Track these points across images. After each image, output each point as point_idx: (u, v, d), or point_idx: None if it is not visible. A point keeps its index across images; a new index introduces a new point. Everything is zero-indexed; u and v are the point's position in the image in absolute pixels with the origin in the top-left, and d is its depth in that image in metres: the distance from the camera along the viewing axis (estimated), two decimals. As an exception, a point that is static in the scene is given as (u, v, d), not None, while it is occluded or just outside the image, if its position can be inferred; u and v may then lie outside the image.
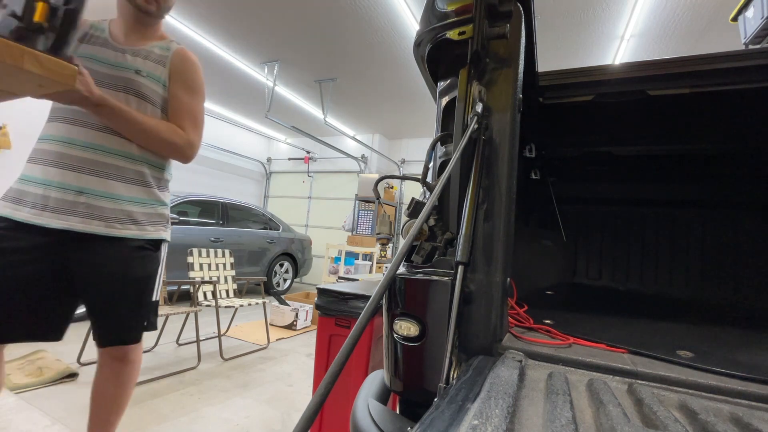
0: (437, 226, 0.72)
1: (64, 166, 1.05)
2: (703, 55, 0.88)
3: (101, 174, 1.09)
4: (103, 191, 1.09)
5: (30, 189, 1.03)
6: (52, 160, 1.04)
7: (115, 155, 1.11)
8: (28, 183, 1.04)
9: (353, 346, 0.34)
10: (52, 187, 1.03)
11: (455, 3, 0.72)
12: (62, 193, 1.04)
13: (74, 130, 1.06)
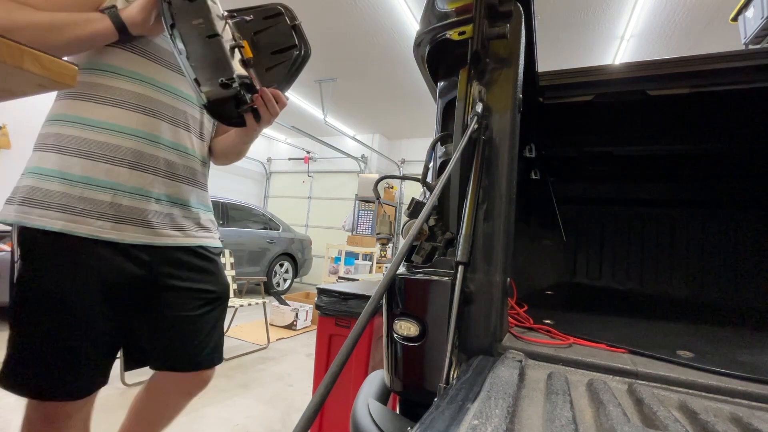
0: (437, 226, 0.72)
1: (144, 168, 0.85)
2: (703, 55, 0.88)
3: (176, 178, 0.91)
4: (178, 198, 0.92)
5: (93, 195, 0.79)
6: (124, 160, 0.82)
7: (192, 157, 0.95)
8: (81, 186, 0.78)
9: (353, 346, 0.34)
10: (125, 193, 0.82)
11: (455, 3, 0.72)
12: (138, 201, 0.84)
13: (154, 123, 0.86)
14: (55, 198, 0.77)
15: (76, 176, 0.79)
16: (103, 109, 0.81)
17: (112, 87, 0.82)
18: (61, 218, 0.77)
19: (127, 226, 0.83)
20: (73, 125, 0.80)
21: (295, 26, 0.84)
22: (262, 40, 0.82)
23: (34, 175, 0.79)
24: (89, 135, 0.80)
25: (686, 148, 1.27)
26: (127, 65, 0.84)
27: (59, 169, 0.78)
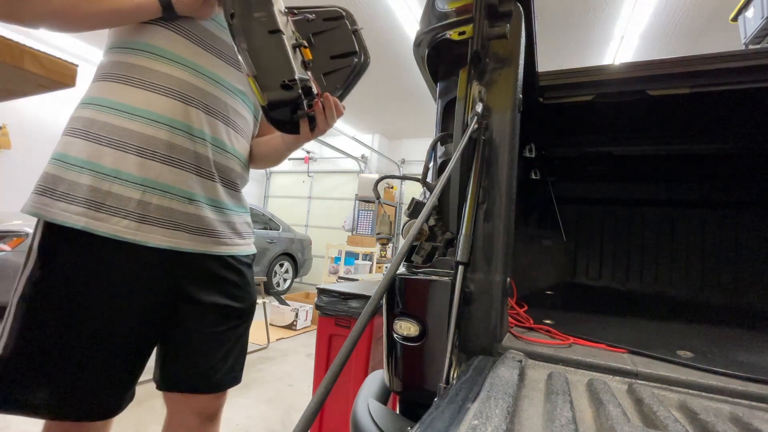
0: (437, 226, 0.72)
1: (178, 164, 0.75)
2: (703, 55, 0.88)
3: (212, 176, 0.82)
4: (213, 199, 0.82)
5: (121, 191, 0.70)
6: (156, 153, 0.73)
7: (231, 155, 0.85)
8: (109, 179, 0.69)
9: (353, 346, 0.34)
10: (155, 190, 0.73)
11: (455, 3, 0.72)
12: (170, 200, 0.75)
13: (192, 114, 0.76)
14: (81, 191, 0.68)
15: (106, 168, 0.69)
16: (139, 94, 0.72)
17: (152, 70, 0.73)
18: (85, 214, 0.68)
19: (155, 227, 0.73)
20: (106, 110, 0.71)
21: (356, 32, 0.80)
22: (320, 42, 0.77)
23: (58, 164, 0.70)
24: (122, 122, 0.71)
25: (686, 148, 1.27)
26: (171, 47, 0.75)
27: (87, 158, 0.69)
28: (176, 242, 0.76)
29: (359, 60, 0.79)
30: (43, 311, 0.67)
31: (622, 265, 1.67)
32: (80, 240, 0.68)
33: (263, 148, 0.95)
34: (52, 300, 0.67)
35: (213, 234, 0.82)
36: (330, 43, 0.78)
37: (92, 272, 0.69)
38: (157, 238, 0.74)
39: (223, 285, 0.85)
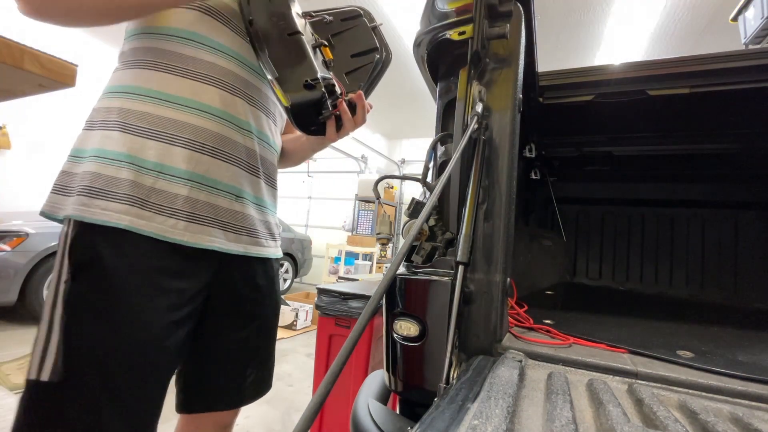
0: (437, 226, 0.72)
1: (227, 158, 0.70)
2: (703, 55, 0.88)
3: (258, 172, 0.77)
4: (257, 196, 0.78)
5: (167, 187, 0.64)
6: (205, 146, 0.67)
7: (273, 149, 0.81)
8: (153, 174, 0.63)
9: (353, 346, 0.34)
10: (203, 186, 0.67)
11: (455, 3, 0.72)
12: (218, 197, 0.69)
13: (238, 105, 0.71)
14: (122, 187, 0.61)
15: (149, 162, 0.62)
16: (182, 83, 0.66)
17: (194, 58, 0.67)
18: (128, 212, 0.60)
19: (204, 227, 0.67)
20: (144, 99, 0.64)
21: (375, 28, 0.79)
22: (340, 42, 0.76)
23: (97, 160, 0.62)
24: (165, 112, 0.64)
25: (686, 148, 1.27)
26: (212, 35, 0.69)
27: (128, 152, 0.62)
28: (223, 243, 0.70)
29: (381, 56, 0.78)
30: (91, 324, 0.58)
31: (622, 265, 1.67)
32: (123, 241, 0.60)
33: (289, 146, 0.91)
34: (99, 309, 0.59)
35: (254, 234, 0.77)
36: (350, 42, 0.77)
37: (140, 277, 0.61)
38: (206, 238, 0.68)
39: (257, 289, 0.80)
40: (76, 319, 0.58)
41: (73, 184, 0.62)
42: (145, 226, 0.61)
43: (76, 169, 0.63)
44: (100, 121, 0.64)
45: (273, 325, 0.86)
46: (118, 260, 0.60)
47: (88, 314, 0.58)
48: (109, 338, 0.59)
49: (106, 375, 0.58)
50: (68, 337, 0.57)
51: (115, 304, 0.59)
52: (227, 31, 0.71)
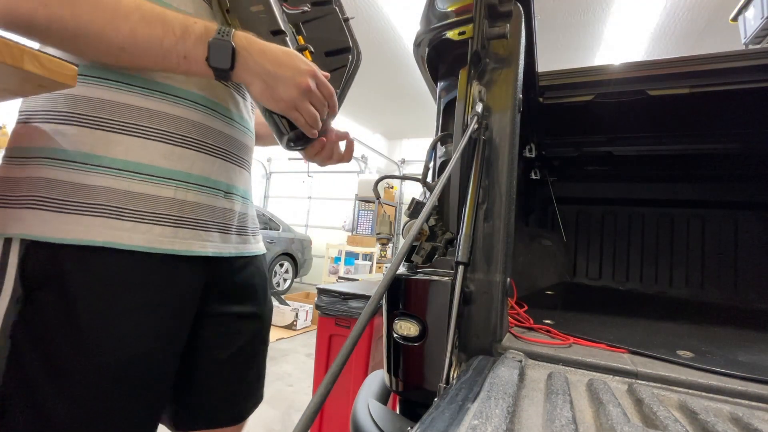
0: (437, 226, 0.72)
1: (211, 150, 0.61)
2: (703, 55, 0.88)
3: (243, 163, 0.70)
4: (241, 188, 0.70)
5: (147, 189, 0.54)
6: (188, 138, 0.58)
7: (250, 132, 0.72)
8: (125, 175, 0.53)
9: (353, 346, 0.34)
10: (189, 185, 0.58)
11: (455, 3, 0.72)
12: (207, 195, 0.61)
13: (217, 89, 0.62)
14: (91, 195, 0.50)
15: (118, 161, 0.52)
16: None
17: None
18: (105, 225, 0.51)
19: (194, 231, 0.59)
20: (108, 85, 0.52)
21: (347, 20, 0.69)
22: (312, 32, 0.66)
23: (47, 162, 0.50)
24: (136, 100, 0.53)
25: (686, 148, 1.27)
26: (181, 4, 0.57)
27: (90, 150, 0.51)
28: (216, 246, 0.63)
29: (353, 57, 0.70)
30: (38, 360, 0.48)
31: (622, 265, 1.67)
32: (95, 259, 0.50)
33: (261, 129, 0.82)
34: (61, 344, 0.49)
35: (243, 231, 0.70)
36: (322, 35, 0.68)
37: (118, 299, 0.52)
38: (198, 244, 0.59)
39: (254, 290, 0.73)
40: (24, 349, 0.48)
41: (16, 194, 0.50)
42: (127, 239, 0.52)
43: (16, 173, 0.51)
44: (43, 112, 0.52)
45: (269, 326, 0.79)
46: (85, 277, 0.50)
47: (50, 341, 0.48)
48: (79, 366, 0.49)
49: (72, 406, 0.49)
50: (12, 377, 0.47)
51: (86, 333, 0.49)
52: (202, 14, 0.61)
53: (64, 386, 0.49)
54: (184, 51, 0.49)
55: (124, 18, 0.46)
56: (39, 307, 0.48)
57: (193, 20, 0.50)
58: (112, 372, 0.51)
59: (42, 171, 0.50)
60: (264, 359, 0.79)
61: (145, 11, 0.47)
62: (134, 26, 0.47)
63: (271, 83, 0.52)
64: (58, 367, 0.48)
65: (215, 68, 0.50)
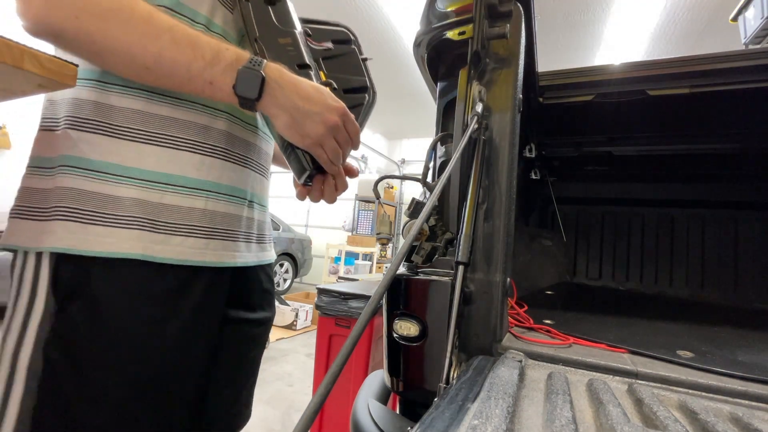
0: (437, 226, 0.72)
1: (237, 159, 0.61)
2: (703, 55, 0.88)
3: (264, 171, 0.70)
4: (263, 197, 0.71)
5: (179, 201, 0.54)
6: (217, 147, 0.58)
7: (269, 139, 0.71)
8: (159, 187, 0.52)
9: (353, 346, 0.34)
10: (219, 196, 0.58)
11: (455, 3, 0.72)
12: (234, 205, 0.61)
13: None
14: (123, 207, 0.50)
15: (150, 173, 0.51)
16: None
17: None
18: (140, 238, 0.50)
19: (224, 242, 0.59)
20: (137, 95, 0.51)
21: (365, 61, 0.72)
22: (330, 69, 0.68)
23: (75, 171, 0.49)
24: (165, 110, 0.53)
25: (686, 148, 1.27)
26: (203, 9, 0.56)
27: (121, 162, 0.50)
28: (242, 256, 0.63)
29: (369, 97, 0.71)
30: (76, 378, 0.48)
31: (622, 265, 1.67)
32: (125, 271, 0.50)
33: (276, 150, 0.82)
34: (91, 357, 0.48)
35: (262, 239, 0.71)
36: (342, 73, 0.70)
37: (149, 312, 0.51)
38: (228, 254, 0.60)
39: (268, 295, 0.75)
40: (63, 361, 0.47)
41: (44, 205, 0.49)
42: (160, 251, 0.51)
43: (44, 185, 0.50)
44: (68, 119, 0.51)
45: (267, 332, 0.79)
46: (115, 289, 0.50)
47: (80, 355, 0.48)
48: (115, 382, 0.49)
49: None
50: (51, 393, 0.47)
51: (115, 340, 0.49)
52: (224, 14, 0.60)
53: (96, 399, 0.48)
54: (211, 77, 0.48)
55: (154, 38, 0.46)
56: (70, 321, 0.48)
57: (225, 46, 0.49)
58: (142, 385, 0.51)
59: (70, 181, 0.49)
60: (258, 366, 0.78)
61: (177, 33, 0.47)
62: (163, 48, 0.46)
63: (299, 118, 0.51)
64: (88, 380, 0.48)
65: (241, 96, 0.48)
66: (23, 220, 0.49)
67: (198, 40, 0.48)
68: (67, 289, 0.48)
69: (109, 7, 0.44)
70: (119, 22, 0.44)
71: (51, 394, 0.47)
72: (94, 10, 0.43)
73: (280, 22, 0.59)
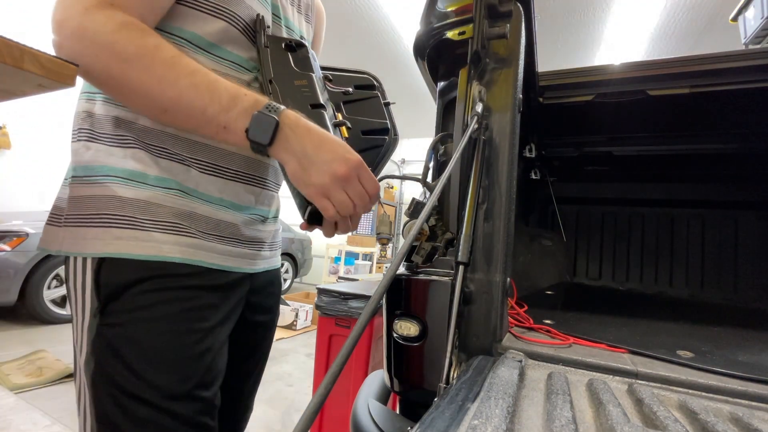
0: (437, 226, 0.72)
1: (253, 181, 0.66)
2: (703, 55, 0.88)
3: (276, 188, 0.73)
4: (276, 210, 0.75)
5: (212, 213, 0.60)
6: (238, 172, 0.63)
7: None
8: (198, 201, 0.58)
9: (353, 346, 0.34)
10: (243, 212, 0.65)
11: (455, 3, 0.72)
12: (259, 223, 0.69)
13: None
14: (164, 214, 0.54)
15: (187, 187, 0.57)
16: None
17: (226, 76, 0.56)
18: (176, 242, 0.54)
19: (253, 251, 0.65)
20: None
21: (387, 105, 0.73)
22: (350, 111, 0.69)
23: (118, 181, 0.53)
24: (196, 135, 0.58)
25: (686, 148, 1.27)
26: (238, 50, 0.60)
27: (160, 173, 0.55)
28: (263, 262, 0.69)
29: (389, 139, 0.71)
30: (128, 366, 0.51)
31: (622, 265, 1.67)
32: (165, 273, 0.54)
33: None
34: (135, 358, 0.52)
35: (274, 246, 0.75)
36: (362, 115, 0.70)
37: (185, 314, 0.55)
38: (253, 262, 0.66)
39: (272, 300, 0.78)
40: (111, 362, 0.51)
41: (89, 212, 0.53)
42: (194, 255, 0.56)
43: (85, 192, 0.54)
44: (110, 136, 0.55)
45: (275, 331, 0.84)
46: (155, 292, 0.53)
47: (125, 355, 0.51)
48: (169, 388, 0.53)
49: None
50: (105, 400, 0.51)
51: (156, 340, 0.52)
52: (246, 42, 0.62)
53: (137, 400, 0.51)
54: (225, 121, 0.49)
55: (173, 83, 0.48)
56: (114, 322, 0.51)
57: (244, 92, 0.50)
58: (178, 386, 0.54)
59: (113, 190, 0.53)
60: (263, 368, 0.84)
61: (198, 78, 0.49)
62: (181, 92, 0.48)
63: (306, 165, 0.50)
64: (132, 382, 0.51)
65: (253, 141, 0.49)
66: (67, 227, 0.53)
67: (217, 85, 0.49)
68: (111, 290, 0.51)
69: (133, 52, 0.46)
70: (140, 68, 0.47)
71: (105, 392, 0.51)
72: (119, 54, 0.46)
73: (298, 66, 0.60)
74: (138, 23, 0.48)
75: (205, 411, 0.57)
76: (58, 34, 0.46)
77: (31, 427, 1.70)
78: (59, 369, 2.32)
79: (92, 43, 0.46)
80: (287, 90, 0.58)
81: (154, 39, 0.48)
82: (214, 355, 0.58)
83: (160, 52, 0.47)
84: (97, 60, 0.46)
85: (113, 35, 0.45)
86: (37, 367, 2.36)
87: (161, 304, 0.53)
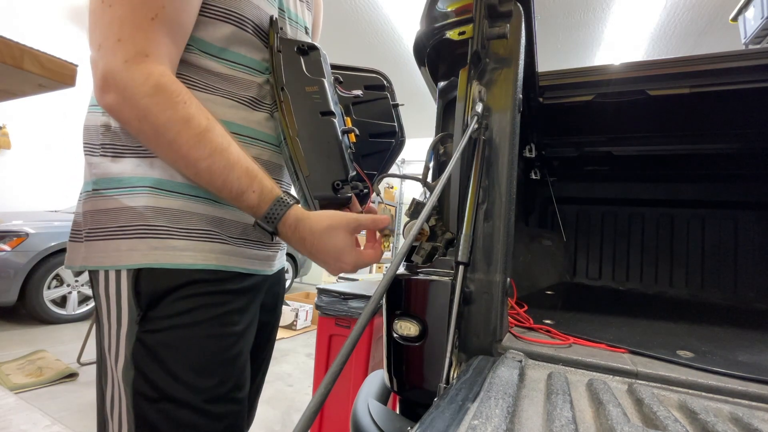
0: (437, 226, 0.72)
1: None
2: (703, 55, 0.88)
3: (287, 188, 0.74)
4: None
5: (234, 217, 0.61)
6: None
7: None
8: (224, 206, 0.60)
9: (353, 346, 0.34)
10: None
11: (455, 3, 0.72)
12: None
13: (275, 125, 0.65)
14: (196, 221, 0.56)
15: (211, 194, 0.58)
16: (237, 111, 0.60)
17: (240, 79, 0.60)
18: (211, 250, 0.57)
19: (272, 253, 0.68)
20: None
21: (396, 107, 0.73)
22: (359, 114, 0.68)
23: (151, 191, 0.54)
24: None
25: (686, 148, 1.27)
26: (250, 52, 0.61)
27: (187, 181, 0.57)
28: (277, 264, 0.71)
29: (396, 141, 0.72)
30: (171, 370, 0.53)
31: (622, 265, 1.67)
32: (205, 283, 0.56)
33: None
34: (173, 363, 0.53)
35: (283, 246, 0.76)
36: (371, 117, 0.70)
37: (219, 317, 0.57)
38: (274, 264, 0.68)
39: (277, 299, 0.79)
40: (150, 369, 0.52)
41: (123, 224, 0.54)
42: (227, 261, 0.58)
43: (114, 205, 0.54)
44: (133, 148, 0.55)
45: (277, 330, 0.84)
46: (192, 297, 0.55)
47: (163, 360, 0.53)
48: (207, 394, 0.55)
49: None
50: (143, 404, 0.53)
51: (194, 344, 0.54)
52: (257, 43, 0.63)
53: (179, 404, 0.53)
54: (237, 206, 0.55)
55: (193, 164, 0.50)
56: (154, 328, 0.53)
57: (252, 189, 0.53)
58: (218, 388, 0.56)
59: (144, 200, 0.54)
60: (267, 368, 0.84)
61: (215, 164, 0.51)
62: (199, 173, 0.51)
63: (310, 258, 0.57)
64: (173, 387, 0.53)
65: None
66: (98, 241, 0.54)
67: (230, 174, 0.51)
68: (149, 298, 0.53)
69: (163, 123, 0.48)
70: (167, 142, 0.49)
71: (144, 400, 0.53)
72: (152, 123, 0.48)
73: (310, 71, 0.61)
74: (171, 81, 0.49)
75: (241, 412, 0.60)
76: (102, 87, 0.48)
77: (31, 427, 1.70)
78: (59, 369, 2.32)
79: (131, 107, 0.48)
80: (298, 98, 0.59)
81: (183, 109, 0.49)
82: (246, 358, 0.61)
83: (187, 128, 0.49)
84: (134, 119, 0.49)
85: (148, 100, 0.47)
86: (37, 367, 2.36)
87: (197, 310, 0.55)
